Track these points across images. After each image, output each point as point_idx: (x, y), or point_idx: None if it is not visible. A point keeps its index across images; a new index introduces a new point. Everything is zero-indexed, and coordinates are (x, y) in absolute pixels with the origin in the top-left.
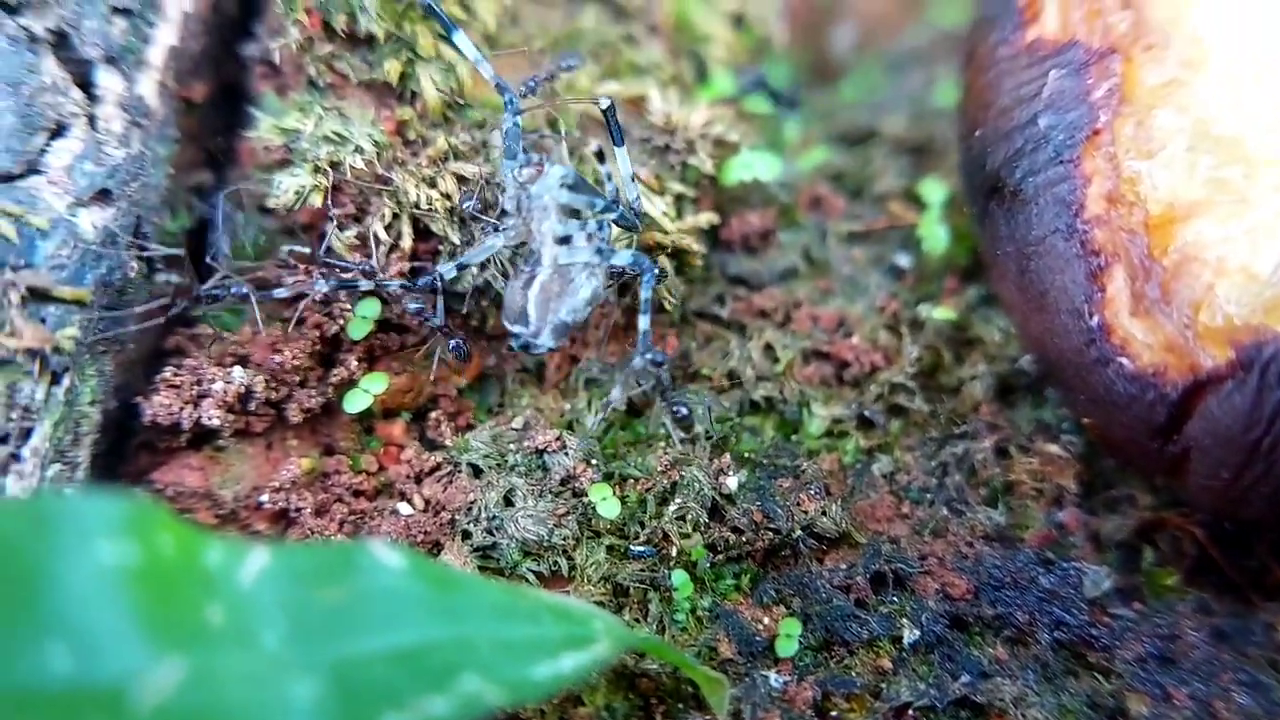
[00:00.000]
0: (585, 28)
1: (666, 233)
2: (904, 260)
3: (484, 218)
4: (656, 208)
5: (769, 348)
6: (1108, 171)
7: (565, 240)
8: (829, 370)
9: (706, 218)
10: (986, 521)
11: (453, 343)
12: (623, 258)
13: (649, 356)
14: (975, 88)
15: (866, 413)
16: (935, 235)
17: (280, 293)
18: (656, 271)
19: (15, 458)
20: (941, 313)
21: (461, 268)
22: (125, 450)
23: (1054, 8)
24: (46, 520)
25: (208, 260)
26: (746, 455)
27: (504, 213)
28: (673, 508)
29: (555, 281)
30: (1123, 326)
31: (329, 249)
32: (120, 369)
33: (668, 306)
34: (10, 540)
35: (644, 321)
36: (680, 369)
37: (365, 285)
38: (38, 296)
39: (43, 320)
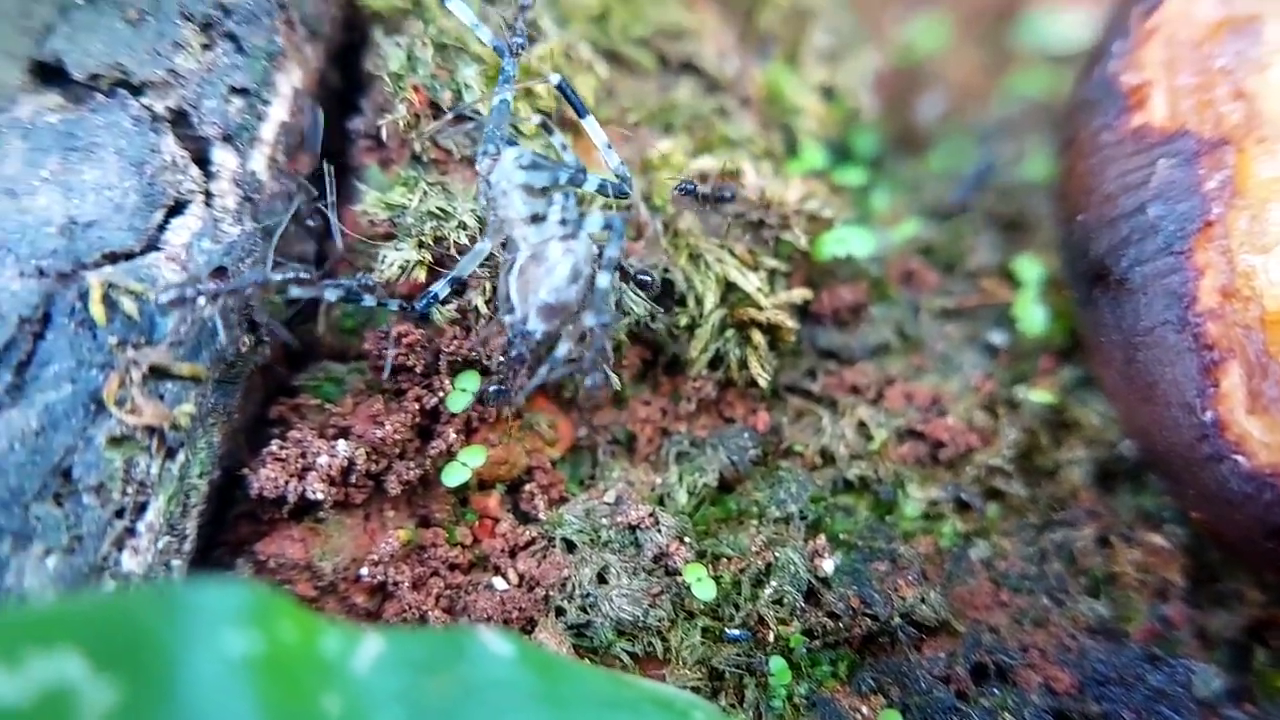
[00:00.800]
0: (679, 101)
1: (761, 308)
2: (998, 338)
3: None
4: (751, 283)
5: (862, 425)
6: (1221, 265)
7: (535, 220)
8: (923, 450)
9: (800, 293)
10: (1089, 613)
11: (493, 389)
12: (594, 221)
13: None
14: (1076, 171)
15: (963, 495)
16: (1031, 315)
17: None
18: (623, 226)
19: (131, 532)
20: (1039, 395)
21: (455, 281)
22: (226, 519)
23: (1162, 95)
24: (177, 610)
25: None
26: (841, 536)
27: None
28: (768, 590)
29: (533, 263)
30: (1238, 423)
31: (427, 320)
32: (225, 439)
33: (761, 382)
34: (144, 629)
35: (603, 279)
36: (772, 444)
37: (369, 301)
38: (157, 374)
39: (161, 397)
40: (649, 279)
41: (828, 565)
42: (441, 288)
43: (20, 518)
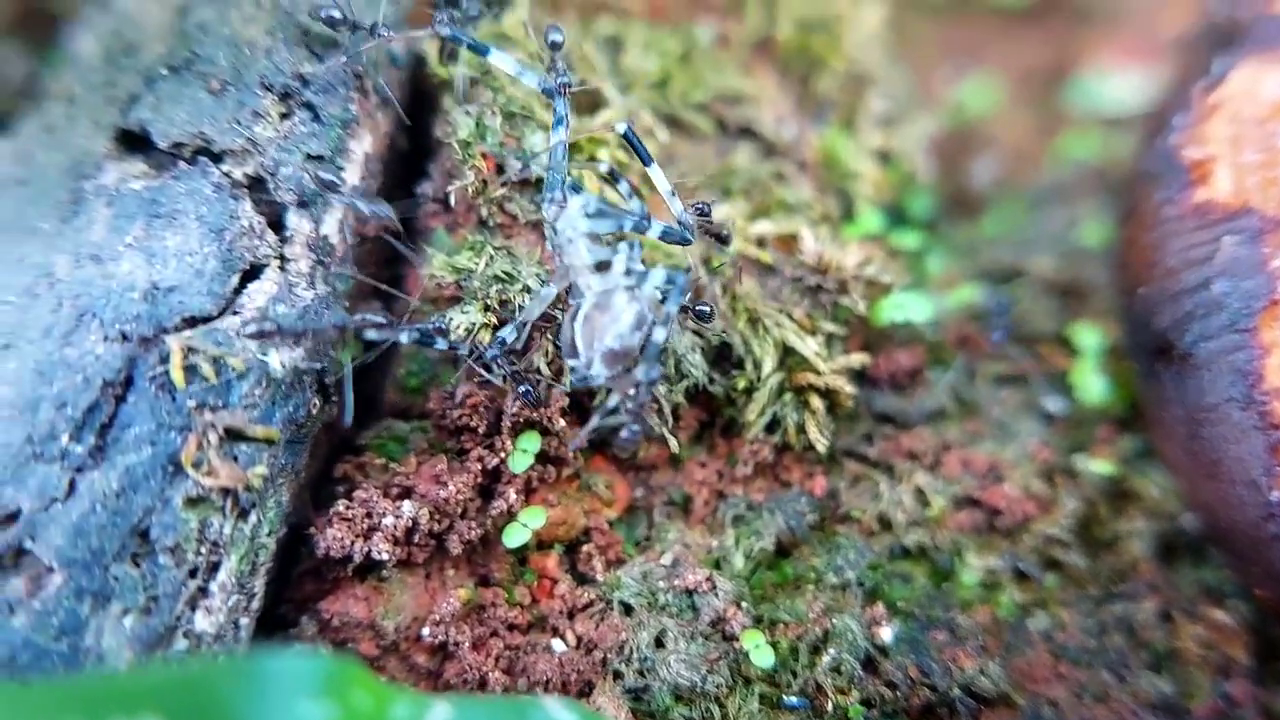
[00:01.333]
0: (738, 165)
1: (819, 373)
2: (1055, 406)
3: None
4: (809, 347)
5: (919, 492)
6: None
7: (601, 267)
8: (981, 517)
9: (859, 359)
10: (1151, 689)
11: (522, 389)
12: (657, 275)
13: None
14: (1137, 244)
15: (1021, 565)
16: (1089, 383)
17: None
18: (685, 283)
19: (204, 592)
20: (1098, 465)
21: (522, 325)
22: (290, 576)
23: (1226, 171)
24: (255, 680)
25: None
26: (899, 604)
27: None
28: (826, 658)
29: (598, 310)
30: None
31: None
32: (291, 497)
33: (819, 447)
34: (223, 699)
35: (659, 333)
36: (829, 509)
37: (440, 344)
38: (233, 436)
39: (235, 458)
40: (708, 309)
41: (886, 634)
42: (509, 333)
43: (100, 578)
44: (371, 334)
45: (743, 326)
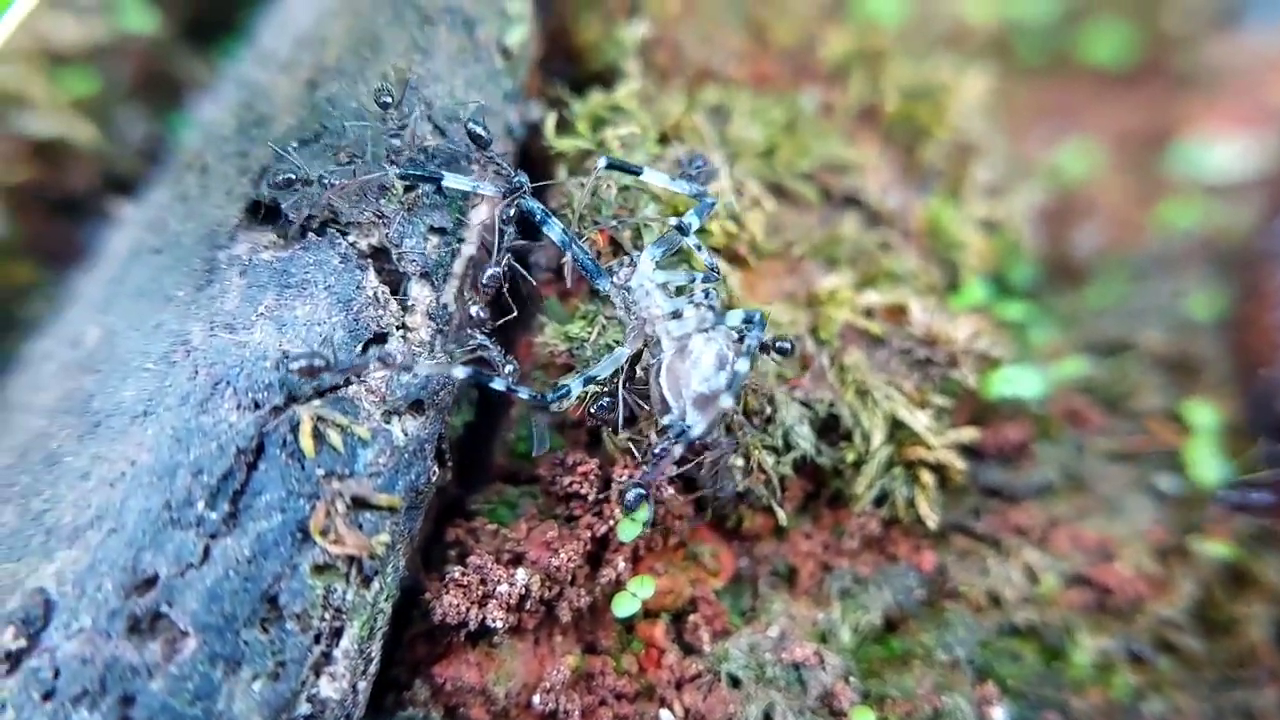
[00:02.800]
0: (843, 234)
1: (930, 448)
2: (1167, 484)
3: None
4: (920, 421)
5: (1029, 568)
6: None
7: (676, 315)
8: (1092, 596)
9: (969, 434)
10: None
11: (632, 494)
12: (734, 315)
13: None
14: (1259, 324)
15: (1135, 647)
16: (1204, 462)
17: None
18: (762, 318)
19: (328, 658)
20: (1215, 547)
21: (589, 381)
22: (401, 639)
23: None
24: None
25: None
26: (1009, 683)
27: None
28: None
29: (678, 359)
30: None
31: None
32: (406, 561)
33: (929, 523)
34: None
35: (743, 364)
36: (937, 584)
37: (498, 384)
38: (358, 504)
39: (360, 526)
40: (789, 346)
41: (998, 713)
42: (575, 383)
43: (232, 643)
44: (497, 384)
45: (851, 398)
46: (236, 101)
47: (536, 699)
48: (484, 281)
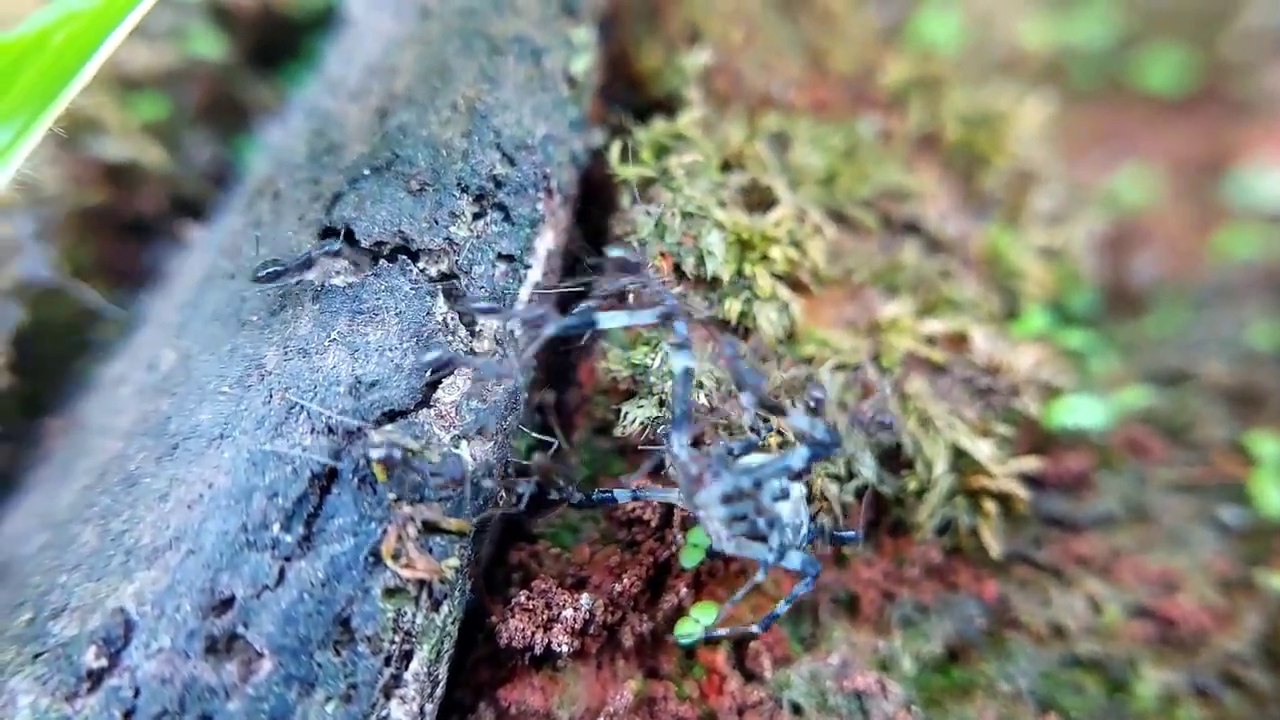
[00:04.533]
0: (904, 262)
1: (993, 476)
2: (1232, 516)
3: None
4: (982, 450)
5: (1091, 599)
6: None
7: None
8: (1155, 629)
9: (1032, 463)
10: None
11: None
12: (792, 561)
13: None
14: None
15: (1200, 681)
16: (1269, 495)
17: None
18: (815, 574)
19: (397, 681)
20: None
21: (636, 498)
22: (465, 662)
23: None
24: None
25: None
26: (1072, 714)
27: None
28: None
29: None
30: None
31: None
32: (472, 585)
33: (992, 552)
34: None
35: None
36: (999, 614)
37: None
38: (429, 529)
39: (430, 550)
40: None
41: None
42: (624, 496)
43: (307, 665)
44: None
45: (913, 427)
46: (307, 129)
47: None
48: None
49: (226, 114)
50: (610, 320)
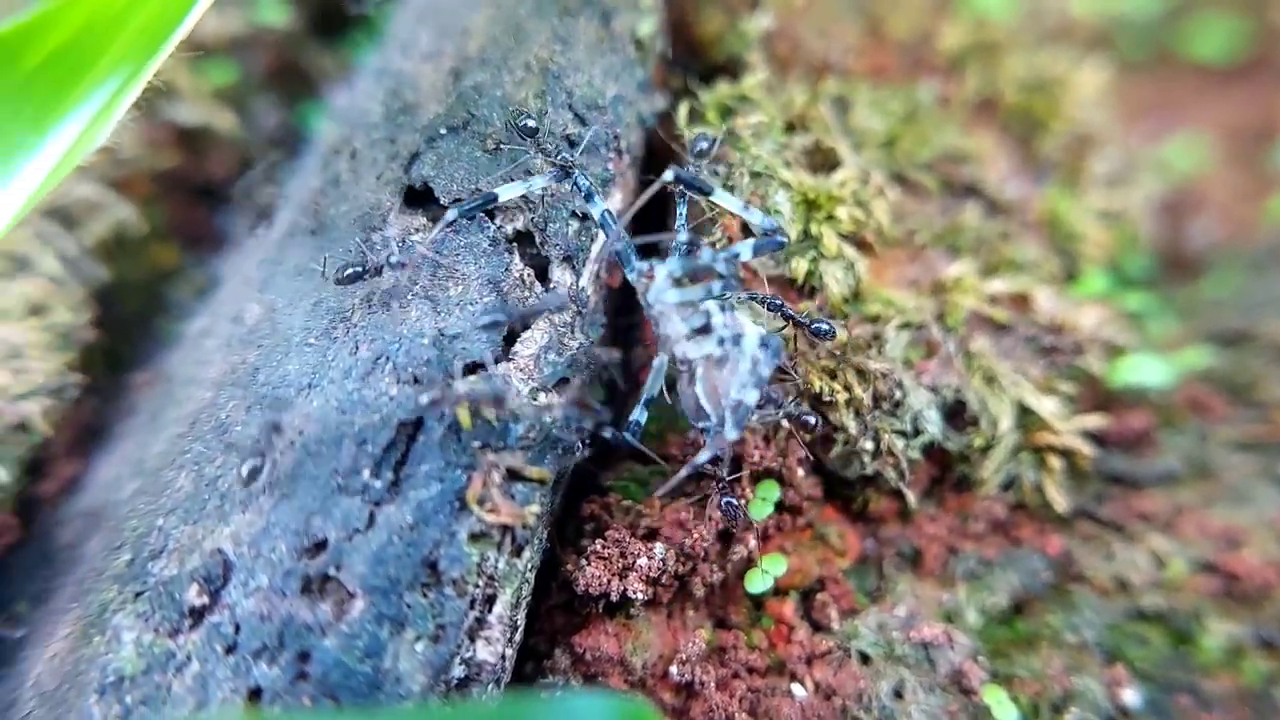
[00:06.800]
0: (965, 223)
1: (1057, 432)
2: None
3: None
4: (1047, 407)
5: (1154, 554)
6: None
7: (702, 330)
8: (1219, 583)
9: (1096, 420)
10: None
11: (724, 501)
12: (751, 340)
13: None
14: None
15: (1264, 634)
16: None
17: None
18: (778, 345)
19: (481, 623)
20: None
21: (649, 403)
22: (539, 609)
23: None
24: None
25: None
26: (1138, 665)
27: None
28: (1069, 717)
29: (713, 368)
30: None
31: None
32: (548, 534)
33: (1057, 507)
34: None
35: (750, 396)
36: (1063, 568)
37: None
38: (512, 476)
39: (513, 497)
40: (826, 328)
41: (1129, 696)
42: (640, 413)
43: (396, 605)
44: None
45: (978, 384)
46: (381, 89)
47: (673, 670)
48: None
49: (291, 81)
50: (509, 191)
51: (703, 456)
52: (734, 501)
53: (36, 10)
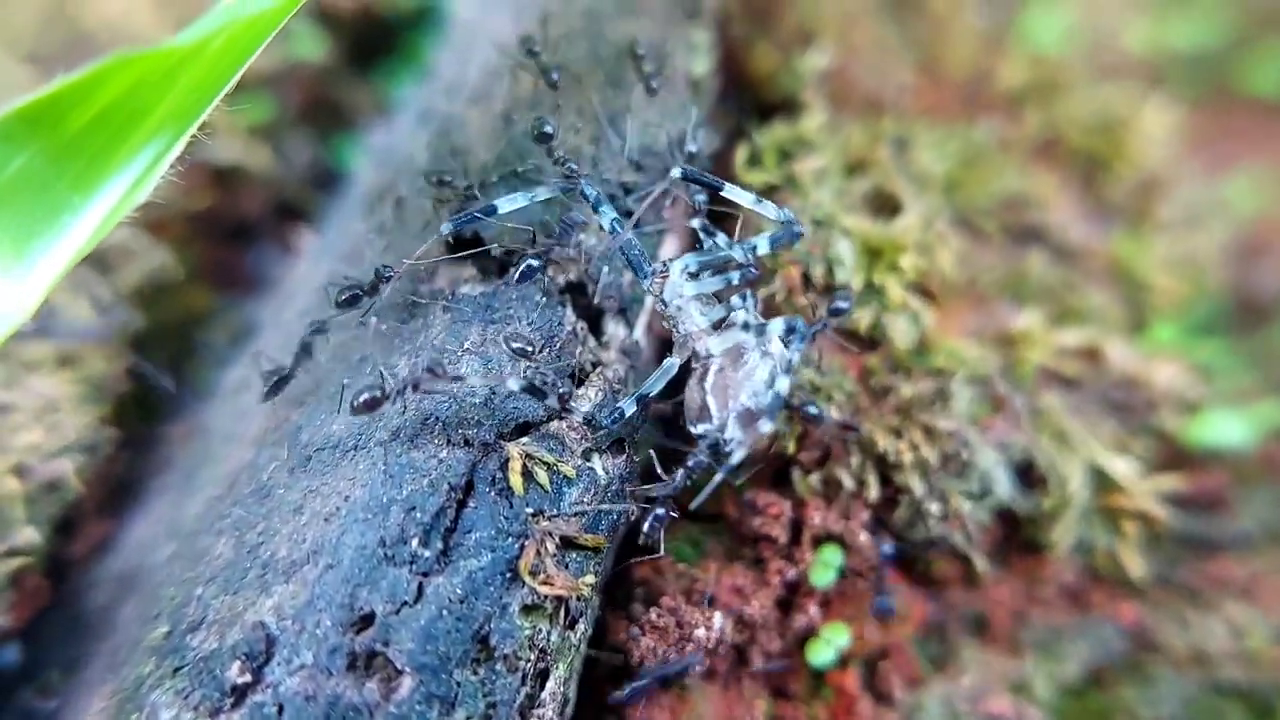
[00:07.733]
0: (1029, 271)
1: (1131, 495)
2: None
3: None
4: (1120, 468)
5: (1232, 623)
6: None
7: (718, 327)
8: None
9: (1171, 481)
10: None
11: (660, 512)
12: (775, 325)
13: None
14: None
15: None
16: None
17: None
18: (806, 329)
19: (532, 700)
20: None
21: (642, 399)
22: (589, 679)
23: None
24: None
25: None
26: None
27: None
28: None
29: (729, 368)
30: None
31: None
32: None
33: (1131, 574)
34: None
35: (782, 383)
36: (1137, 637)
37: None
38: (566, 544)
39: (567, 566)
40: (846, 305)
41: None
42: (629, 405)
43: (446, 684)
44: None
45: (1046, 442)
46: (427, 133)
47: None
48: None
49: (326, 115)
50: (509, 203)
51: (736, 457)
52: (661, 516)
53: (86, 69)
